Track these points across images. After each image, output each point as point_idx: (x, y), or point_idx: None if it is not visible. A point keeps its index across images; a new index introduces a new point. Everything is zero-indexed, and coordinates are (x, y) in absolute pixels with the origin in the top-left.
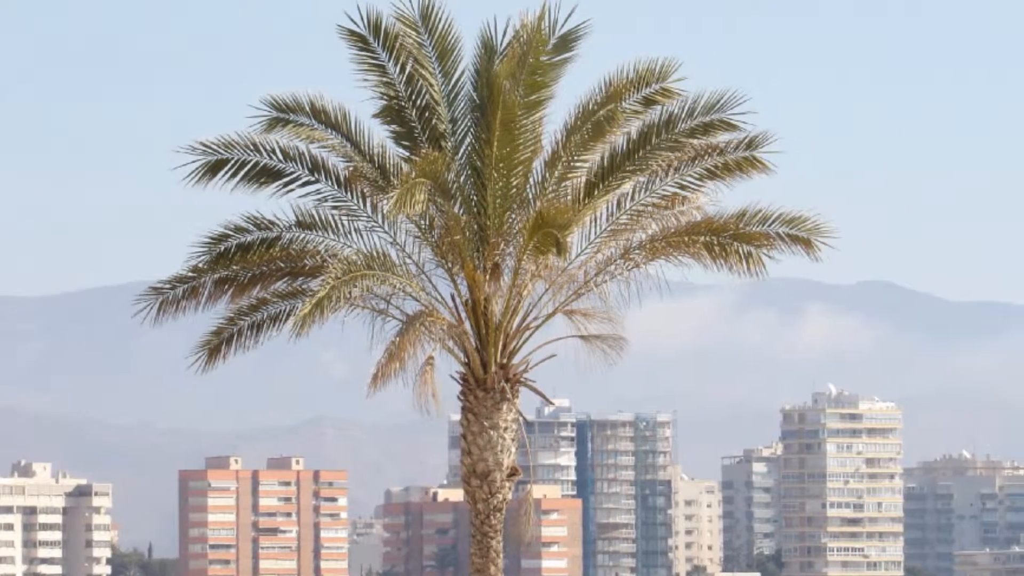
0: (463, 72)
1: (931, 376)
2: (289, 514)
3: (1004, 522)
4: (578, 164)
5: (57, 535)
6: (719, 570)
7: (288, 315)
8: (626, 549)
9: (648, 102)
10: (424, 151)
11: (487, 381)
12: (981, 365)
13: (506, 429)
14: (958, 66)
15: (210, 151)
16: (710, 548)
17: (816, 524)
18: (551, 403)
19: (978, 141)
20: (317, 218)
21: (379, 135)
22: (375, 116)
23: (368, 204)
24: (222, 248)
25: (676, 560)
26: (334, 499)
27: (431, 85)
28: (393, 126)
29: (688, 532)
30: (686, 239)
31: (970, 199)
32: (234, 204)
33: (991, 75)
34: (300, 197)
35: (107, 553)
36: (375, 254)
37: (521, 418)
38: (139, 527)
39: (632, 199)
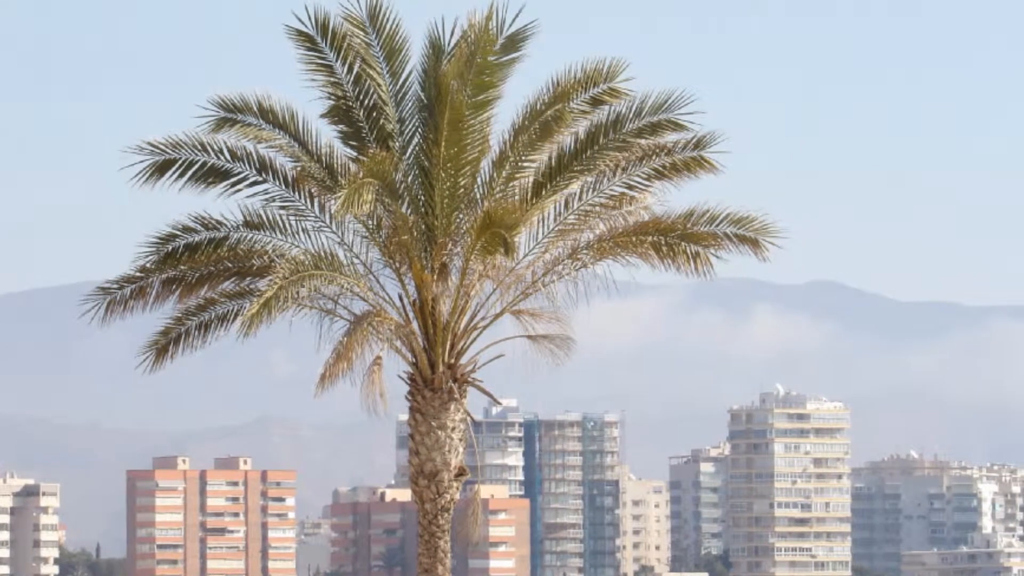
0: (411, 72)
1: (879, 376)
2: (237, 514)
3: (951, 522)
4: (526, 164)
5: (4, 535)
6: (667, 570)
7: (236, 315)
8: (574, 549)
9: (596, 102)
10: (372, 151)
11: (435, 381)
12: (929, 365)
13: (454, 429)
14: (908, 66)
15: (158, 151)
16: (658, 548)
17: (764, 524)
18: (499, 403)
19: (928, 143)
20: (265, 218)
21: (327, 135)
22: (323, 116)
23: (316, 204)
24: (170, 248)
25: (624, 560)
26: (282, 499)
27: (379, 85)
28: (341, 126)
29: (636, 532)
30: (634, 239)
31: (919, 200)
32: (182, 204)
33: (941, 76)
34: (248, 197)
35: (55, 553)
36: (323, 254)
37: (469, 418)
38: (87, 527)
39: (580, 199)
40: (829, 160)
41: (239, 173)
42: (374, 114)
